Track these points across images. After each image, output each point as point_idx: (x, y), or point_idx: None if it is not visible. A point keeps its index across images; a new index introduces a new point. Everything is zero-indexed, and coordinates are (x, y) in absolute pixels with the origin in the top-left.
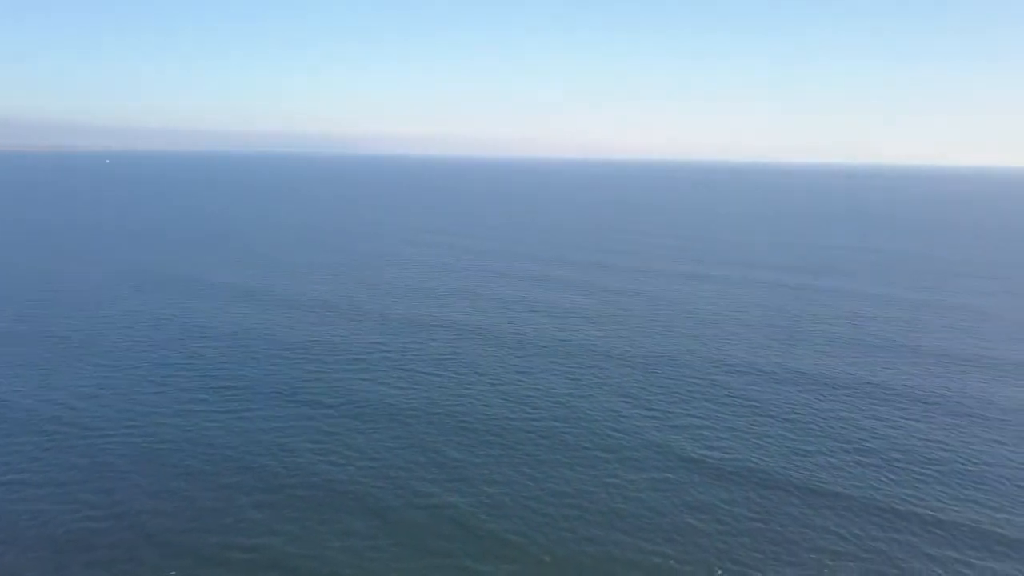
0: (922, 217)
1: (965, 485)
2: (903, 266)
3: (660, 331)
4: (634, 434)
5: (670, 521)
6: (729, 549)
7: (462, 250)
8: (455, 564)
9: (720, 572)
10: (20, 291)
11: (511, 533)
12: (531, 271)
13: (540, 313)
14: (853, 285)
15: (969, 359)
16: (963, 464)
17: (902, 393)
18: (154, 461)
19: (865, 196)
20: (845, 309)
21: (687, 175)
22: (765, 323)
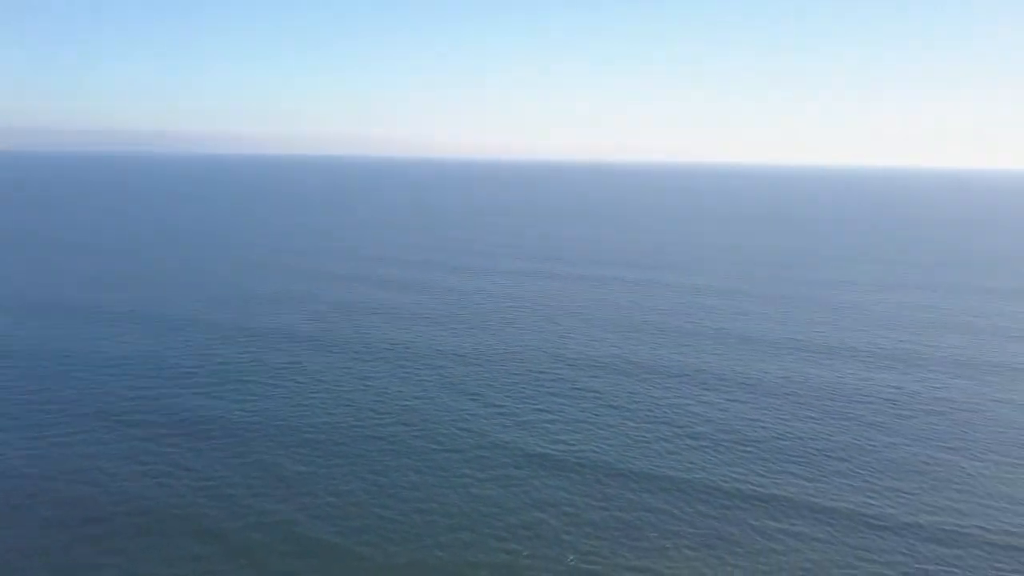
0: (766, 213)
1: (783, 460)
2: (736, 259)
3: (504, 329)
4: (481, 433)
5: (519, 517)
6: (576, 540)
7: (294, 253)
8: None
9: (572, 559)
10: None
11: (361, 544)
12: (370, 273)
13: (381, 315)
14: (686, 279)
15: (784, 344)
16: (781, 441)
17: (728, 378)
18: None
19: (712, 195)
20: (677, 301)
21: (541, 175)
22: (604, 317)
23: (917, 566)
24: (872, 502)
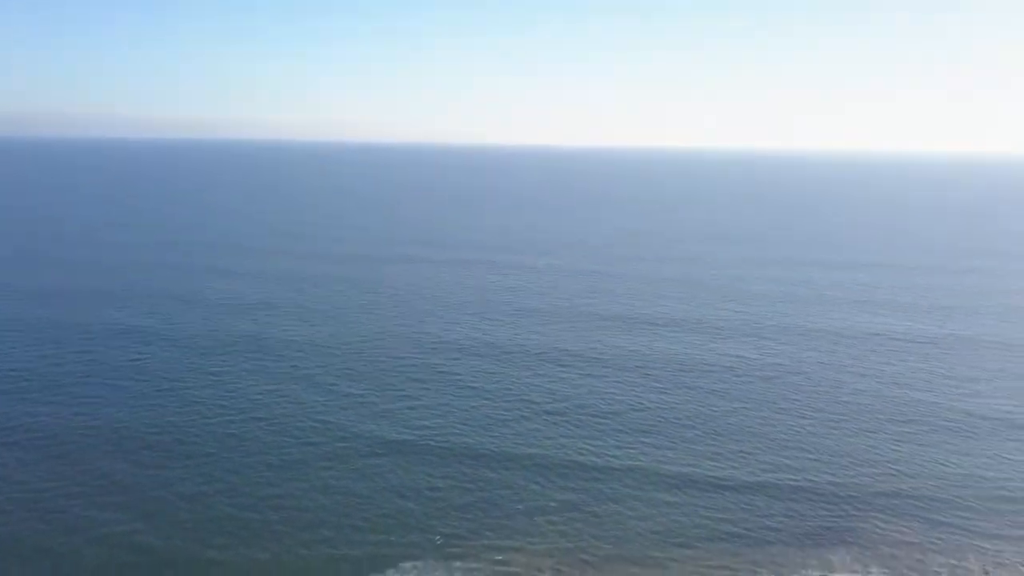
0: (636, 195)
1: (636, 431)
2: (596, 242)
3: (361, 316)
4: (338, 424)
5: (382, 507)
6: (441, 523)
7: (138, 245)
8: None
9: (439, 539)
10: None
11: (214, 548)
12: (216, 263)
13: (228, 307)
14: (549, 262)
15: (635, 320)
16: (634, 412)
17: (583, 355)
18: None
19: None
20: (537, 282)
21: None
22: (463, 300)
23: (759, 520)
24: (718, 465)
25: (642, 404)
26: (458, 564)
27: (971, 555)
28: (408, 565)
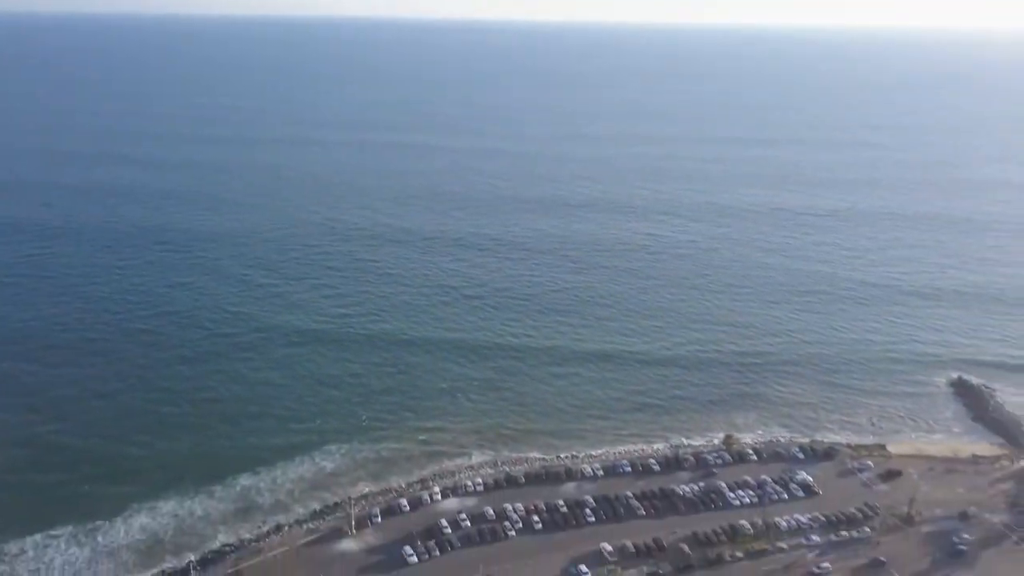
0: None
1: (554, 312)
2: (513, 117)
3: (272, 203)
4: (252, 316)
5: (301, 395)
6: (363, 408)
7: (32, 130)
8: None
9: (364, 418)
10: None
11: (132, 445)
12: (117, 151)
13: (131, 197)
14: (460, 142)
15: (552, 202)
16: (553, 294)
17: (501, 239)
18: None
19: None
20: (453, 164)
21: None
22: (378, 185)
23: (670, 390)
24: (632, 340)
25: (559, 285)
26: (384, 445)
27: (860, 410)
28: (334, 448)
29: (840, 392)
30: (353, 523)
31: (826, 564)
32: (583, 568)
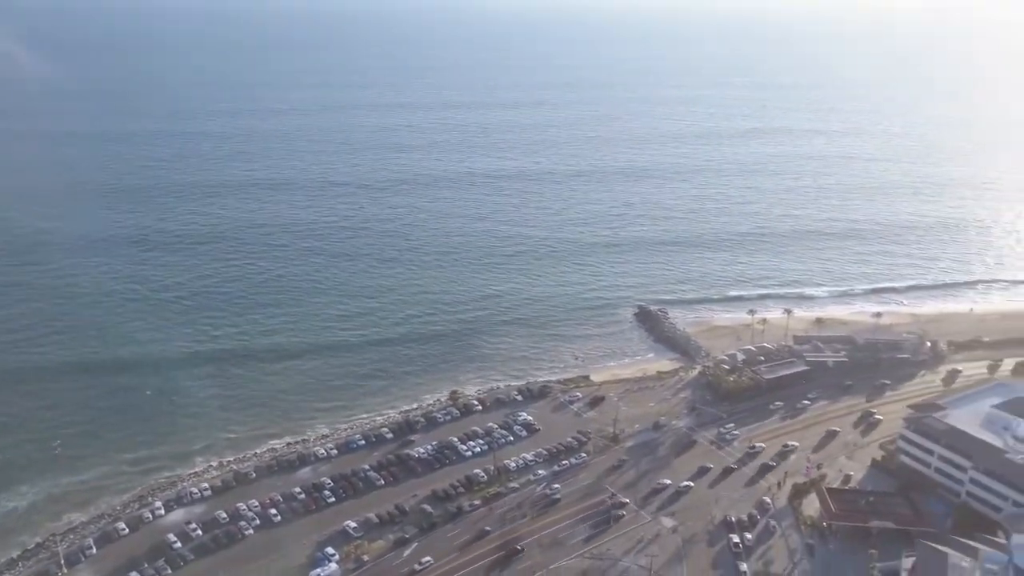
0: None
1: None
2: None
3: None
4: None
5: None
6: (58, 428)
7: None
8: None
9: (57, 444)
10: None
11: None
12: None
13: None
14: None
15: (271, 183)
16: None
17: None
18: None
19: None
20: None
21: None
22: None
23: (399, 365)
24: (352, 325)
25: (265, 276)
26: (89, 472)
27: (564, 351)
28: (25, 487)
29: (547, 338)
30: (63, 561)
31: (556, 496)
32: (329, 550)
